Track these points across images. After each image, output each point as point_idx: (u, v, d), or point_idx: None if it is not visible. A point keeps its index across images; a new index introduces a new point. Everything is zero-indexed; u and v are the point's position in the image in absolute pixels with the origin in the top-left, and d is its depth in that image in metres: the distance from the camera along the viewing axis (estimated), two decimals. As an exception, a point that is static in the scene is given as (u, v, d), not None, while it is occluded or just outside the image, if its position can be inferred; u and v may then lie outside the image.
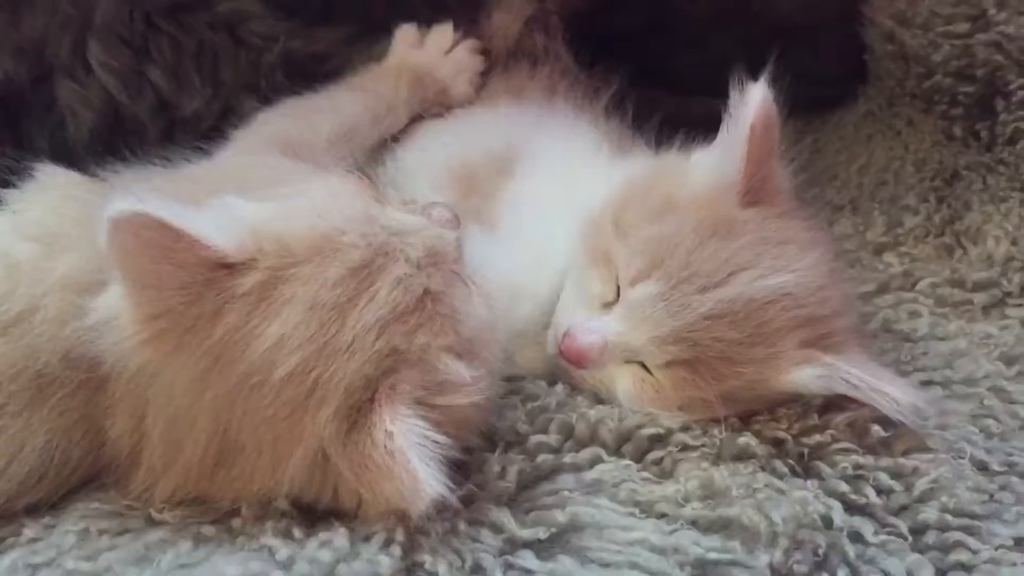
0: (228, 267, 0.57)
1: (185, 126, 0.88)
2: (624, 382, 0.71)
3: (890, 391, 0.66)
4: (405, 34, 0.95)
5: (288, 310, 0.57)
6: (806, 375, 0.68)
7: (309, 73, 0.90)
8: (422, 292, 0.60)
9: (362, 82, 0.91)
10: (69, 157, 0.74)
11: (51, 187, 0.69)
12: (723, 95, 1.07)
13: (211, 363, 0.57)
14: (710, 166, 0.73)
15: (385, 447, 0.55)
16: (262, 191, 0.62)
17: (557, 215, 0.78)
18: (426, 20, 0.97)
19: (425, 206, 0.67)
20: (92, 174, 0.71)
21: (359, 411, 0.57)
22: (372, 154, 0.88)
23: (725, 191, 0.71)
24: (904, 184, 1.02)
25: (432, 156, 0.87)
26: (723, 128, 0.73)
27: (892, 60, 1.07)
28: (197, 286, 0.56)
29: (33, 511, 0.61)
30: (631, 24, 1.06)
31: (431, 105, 0.94)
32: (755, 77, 0.72)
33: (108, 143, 0.85)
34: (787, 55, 0.95)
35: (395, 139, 0.90)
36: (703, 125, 0.84)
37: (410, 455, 0.54)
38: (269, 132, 0.82)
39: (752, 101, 0.70)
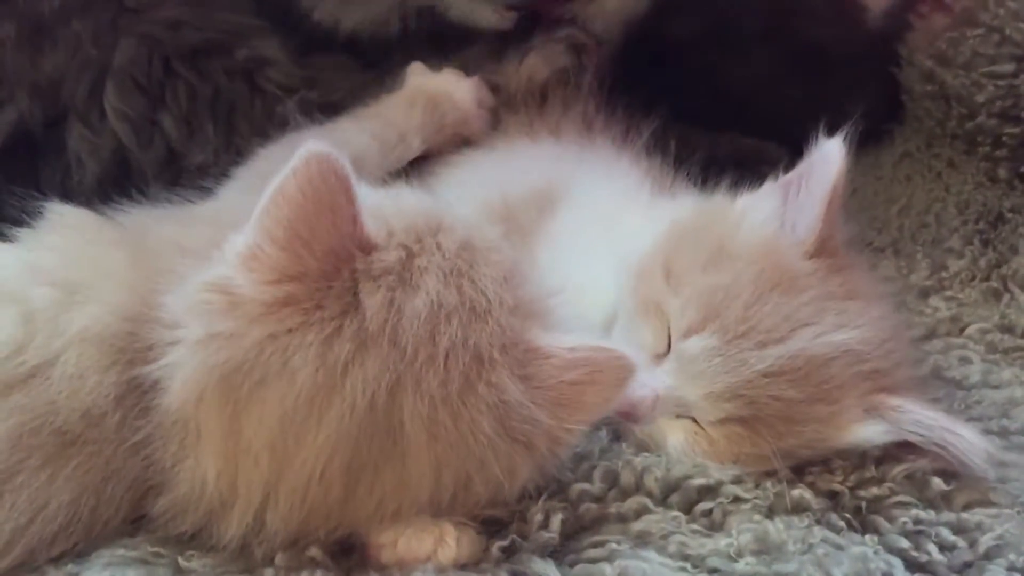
0: (363, 248, 0.55)
1: (190, 177, 0.86)
2: (675, 437, 0.68)
3: (964, 433, 0.63)
4: (418, 68, 0.93)
5: (427, 280, 0.56)
6: (870, 431, 0.66)
7: (321, 120, 0.88)
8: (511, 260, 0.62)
9: (370, 111, 0.88)
10: (76, 200, 0.72)
11: (63, 227, 0.66)
12: (755, 130, 1.07)
13: (358, 347, 0.53)
14: (766, 215, 0.71)
15: (568, 361, 0.57)
16: None
17: (599, 256, 0.76)
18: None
19: None
20: (99, 213, 0.69)
21: (523, 364, 0.56)
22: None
23: (789, 244, 0.69)
24: (947, 227, 0.99)
25: (470, 191, 0.84)
26: (776, 174, 0.72)
27: (931, 100, 1.06)
28: (340, 258, 0.55)
29: (56, 558, 0.58)
30: (687, 31, 1.05)
31: (448, 138, 0.91)
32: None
33: (113, 191, 0.83)
34: (822, 80, 0.95)
35: (432, 173, 0.88)
36: (732, 162, 0.84)
37: (590, 352, 0.57)
38: (270, 168, 0.78)
39: (833, 160, 0.68)
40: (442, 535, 0.58)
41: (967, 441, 0.63)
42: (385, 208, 0.59)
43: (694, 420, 0.68)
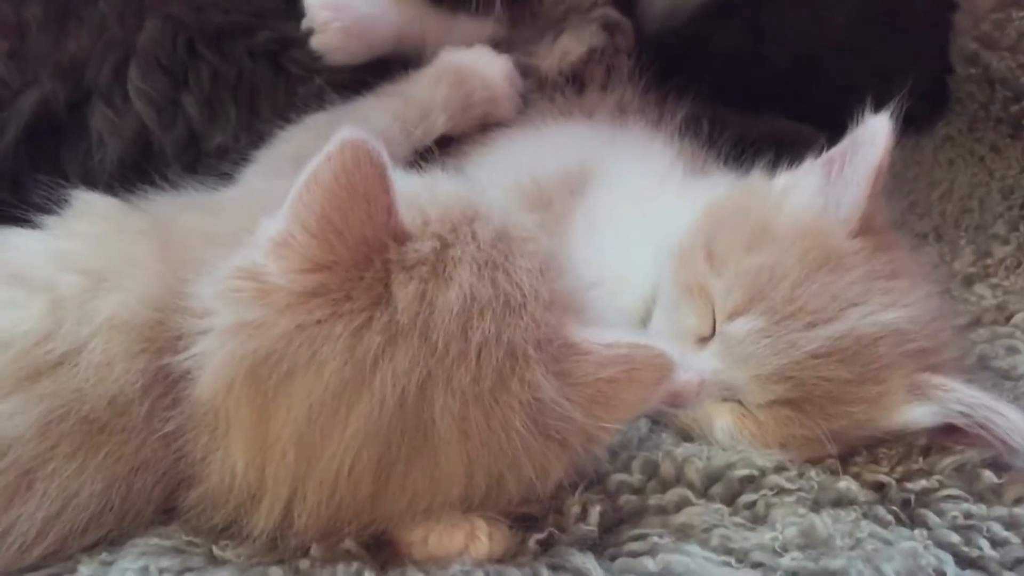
0: (397, 238, 0.54)
1: (209, 160, 0.86)
2: (723, 420, 0.67)
3: (1007, 413, 0.62)
4: (450, 49, 0.91)
5: (461, 272, 0.54)
6: (918, 412, 0.64)
7: (346, 99, 0.87)
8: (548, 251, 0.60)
9: (393, 89, 0.86)
10: (95, 185, 0.71)
11: (90, 215, 0.65)
12: (792, 111, 1.05)
13: (388, 340, 0.52)
14: (809, 194, 0.69)
15: (605, 357, 0.55)
16: None
17: (635, 237, 0.74)
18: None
19: None
20: (121, 199, 0.68)
21: (558, 360, 0.55)
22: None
23: (833, 223, 0.68)
24: (991, 212, 0.98)
25: (503, 173, 0.82)
26: (816, 152, 0.71)
27: (975, 83, 1.04)
28: (372, 248, 0.53)
29: (89, 547, 0.57)
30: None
31: (477, 118, 0.88)
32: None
33: (133, 173, 0.83)
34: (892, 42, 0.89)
35: (464, 154, 0.87)
36: (768, 144, 0.81)
37: (628, 349, 0.55)
38: (291, 150, 0.78)
39: (879, 137, 0.67)
40: (473, 530, 0.57)
41: (1010, 421, 0.62)
42: (420, 195, 0.58)
43: (740, 403, 0.66)
